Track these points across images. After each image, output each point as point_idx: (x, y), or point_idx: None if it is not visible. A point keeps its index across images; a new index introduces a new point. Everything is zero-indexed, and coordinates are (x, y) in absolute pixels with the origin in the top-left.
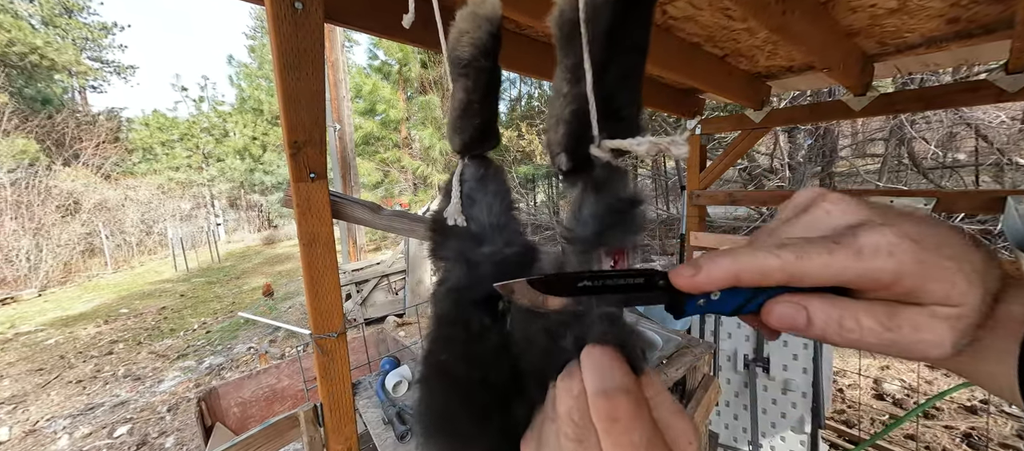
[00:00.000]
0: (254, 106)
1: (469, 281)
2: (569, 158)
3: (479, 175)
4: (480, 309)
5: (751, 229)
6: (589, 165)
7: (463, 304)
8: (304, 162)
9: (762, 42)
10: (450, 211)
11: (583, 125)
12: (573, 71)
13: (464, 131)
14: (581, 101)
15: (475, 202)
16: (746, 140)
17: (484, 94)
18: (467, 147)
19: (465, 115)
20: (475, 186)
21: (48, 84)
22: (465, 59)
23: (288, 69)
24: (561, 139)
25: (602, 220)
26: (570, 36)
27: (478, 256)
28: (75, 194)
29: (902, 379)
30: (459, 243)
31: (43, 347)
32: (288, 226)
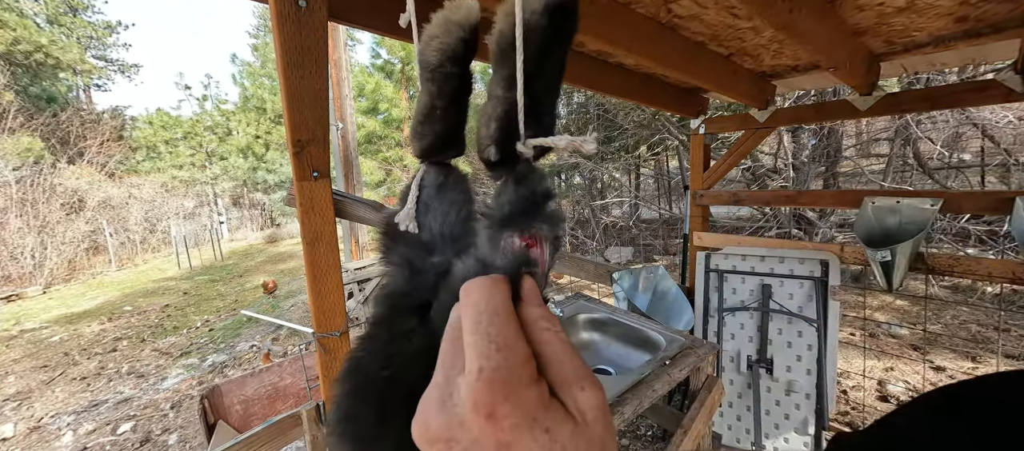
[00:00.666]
0: (257, 105)
1: (408, 287)
2: (498, 150)
3: (438, 182)
4: (410, 312)
5: (754, 229)
6: (513, 160)
7: (397, 307)
8: (307, 161)
9: (768, 41)
10: (401, 216)
11: (512, 124)
12: (507, 79)
13: (424, 137)
14: (512, 104)
15: (430, 209)
16: (750, 140)
17: (449, 101)
18: (426, 153)
19: (427, 120)
20: (433, 193)
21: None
22: (432, 64)
23: (292, 67)
24: (492, 134)
25: (518, 206)
26: (506, 52)
27: (424, 264)
28: (80, 192)
29: (906, 381)
30: (407, 249)
31: (48, 344)
32: (290, 225)
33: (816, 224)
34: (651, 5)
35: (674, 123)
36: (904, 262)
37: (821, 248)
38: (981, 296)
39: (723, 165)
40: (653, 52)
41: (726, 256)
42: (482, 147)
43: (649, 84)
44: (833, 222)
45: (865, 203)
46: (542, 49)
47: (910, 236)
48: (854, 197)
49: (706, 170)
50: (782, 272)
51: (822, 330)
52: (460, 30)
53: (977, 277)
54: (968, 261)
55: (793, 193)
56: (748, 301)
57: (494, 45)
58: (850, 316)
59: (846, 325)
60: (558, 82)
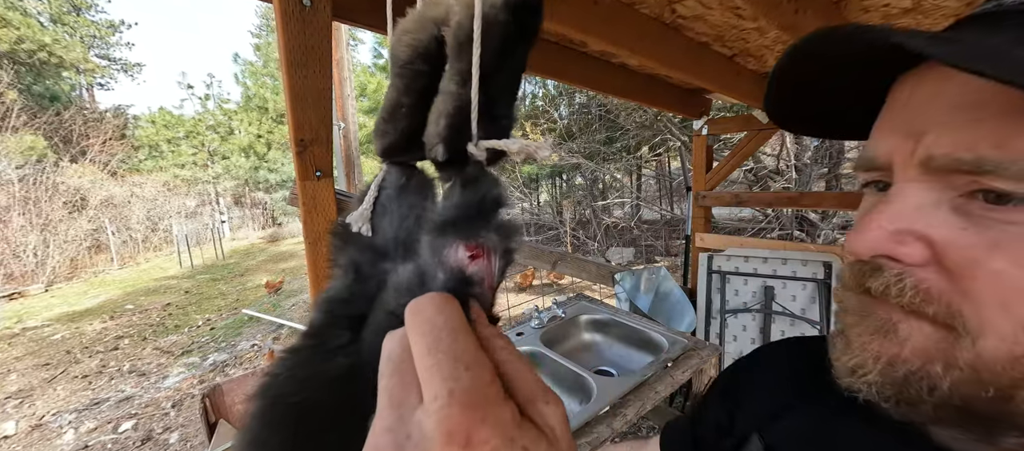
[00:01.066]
0: (259, 104)
1: (348, 294)
2: (446, 149)
3: (399, 184)
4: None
5: (756, 231)
6: (463, 161)
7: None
8: (310, 160)
9: (772, 42)
10: (355, 216)
11: (464, 123)
12: (462, 75)
13: (387, 135)
14: (465, 101)
15: (387, 212)
16: (753, 141)
17: (417, 99)
18: (388, 152)
19: (392, 118)
20: (392, 195)
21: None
22: (401, 59)
23: (295, 67)
24: (441, 131)
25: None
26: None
27: (371, 270)
28: (82, 190)
29: None
30: (357, 252)
31: (49, 342)
32: (292, 224)
33: (818, 226)
34: (655, 5)
35: (676, 124)
36: None
37: (824, 250)
38: None
39: (726, 166)
40: (657, 53)
41: (728, 257)
42: (430, 145)
43: (652, 85)
44: (835, 224)
45: None
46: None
47: None
48: (858, 199)
49: (709, 171)
50: (785, 274)
51: (825, 332)
52: (434, 27)
53: None
54: None
55: (796, 195)
56: (750, 303)
57: (451, 38)
58: None
59: None
60: (517, 82)
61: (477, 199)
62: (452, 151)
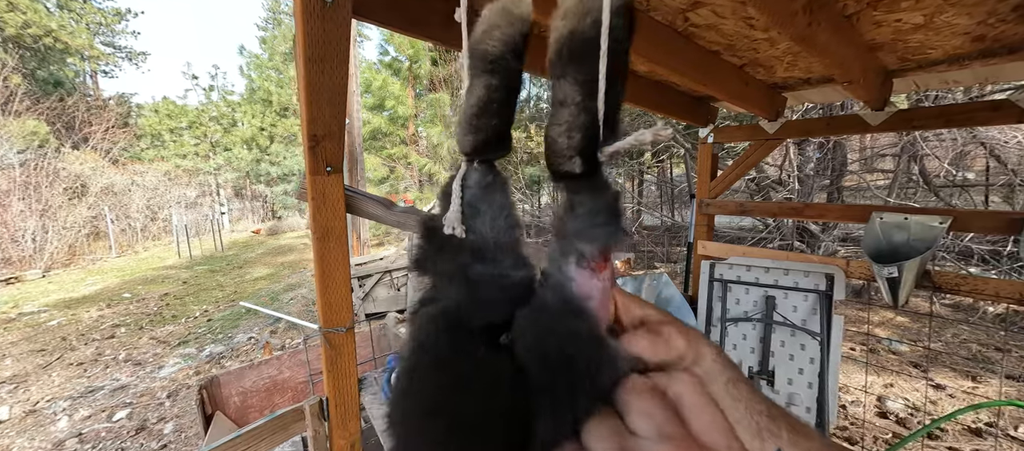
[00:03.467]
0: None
1: (469, 304)
2: (583, 162)
3: (485, 183)
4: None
5: (756, 240)
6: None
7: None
8: (322, 155)
9: (782, 52)
10: (449, 218)
11: (596, 132)
12: (587, 85)
13: (480, 131)
14: (593, 112)
15: (479, 213)
16: (759, 151)
17: (506, 95)
18: (479, 150)
19: (483, 114)
20: (479, 195)
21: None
22: (493, 55)
23: (313, 62)
24: (576, 144)
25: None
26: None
27: (480, 276)
28: (83, 177)
29: (906, 398)
30: (457, 257)
31: (46, 328)
32: (291, 218)
33: (819, 237)
34: (668, 13)
35: (680, 131)
36: (911, 279)
37: (828, 261)
38: (982, 315)
39: (730, 175)
40: (668, 59)
41: (730, 266)
42: (562, 159)
43: (660, 91)
44: (836, 236)
45: (873, 218)
46: (619, 50)
47: (917, 253)
48: (862, 212)
49: (713, 179)
50: (786, 284)
51: (825, 344)
52: (522, 23)
53: (984, 296)
54: (974, 280)
55: (800, 205)
56: (751, 312)
57: (563, 48)
58: (850, 330)
59: (847, 339)
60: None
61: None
62: (588, 163)
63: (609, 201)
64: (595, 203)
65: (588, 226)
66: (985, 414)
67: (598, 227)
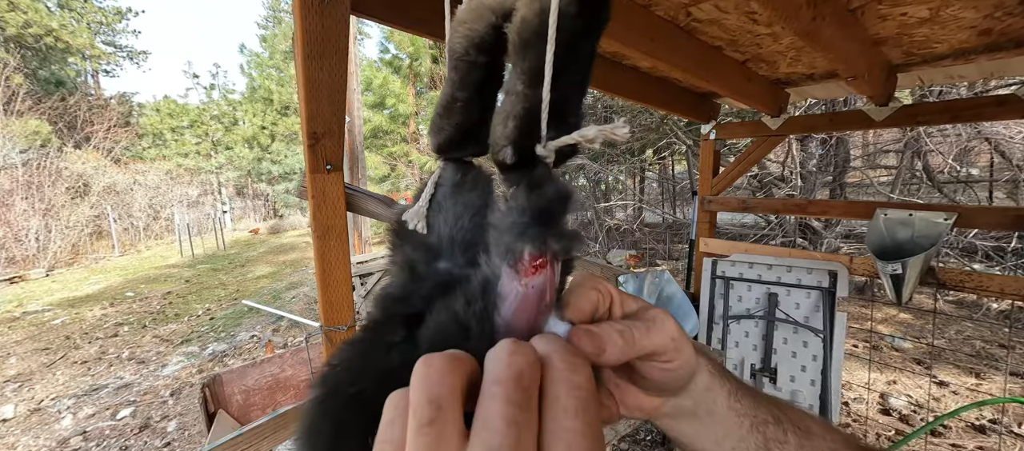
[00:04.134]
0: (264, 95)
1: (403, 292)
2: (514, 152)
3: (455, 181)
4: (400, 323)
5: (759, 237)
6: (531, 164)
7: (388, 312)
8: (322, 153)
9: (785, 48)
10: (411, 213)
11: (533, 124)
12: (531, 74)
13: (442, 131)
14: (534, 101)
15: (442, 210)
16: (762, 147)
17: (472, 93)
18: (443, 148)
19: (447, 113)
20: (448, 192)
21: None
22: (457, 52)
23: (311, 59)
24: (509, 134)
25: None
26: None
27: (426, 270)
28: (85, 177)
29: (909, 395)
30: (412, 250)
31: (49, 327)
32: (293, 216)
33: (821, 234)
34: (670, 8)
35: (682, 127)
36: (915, 276)
37: (831, 258)
38: (986, 312)
39: (733, 171)
40: (670, 55)
41: (733, 263)
42: (496, 147)
43: (662, 87)
44: (838, 233)
45: (877, 215)
46: (573, 40)
47: (922, 250)
48: (866, 208)
49: (715, 176)
50: (789, 281)
51: (828, 341)
52: (491, 15)
53: (988, 293)
54: (979, 277)
55: (803, 202)
56: (754, 309)
57: (515, 34)
58: (853, 327)
59: (849, 336)
60: (586, 79)
61: (544, 204)
62: (520, 153)
63: (547, 200)
64: (529, 200)
65: (518, 223)
66: (989, 411)
67: (528, 226)
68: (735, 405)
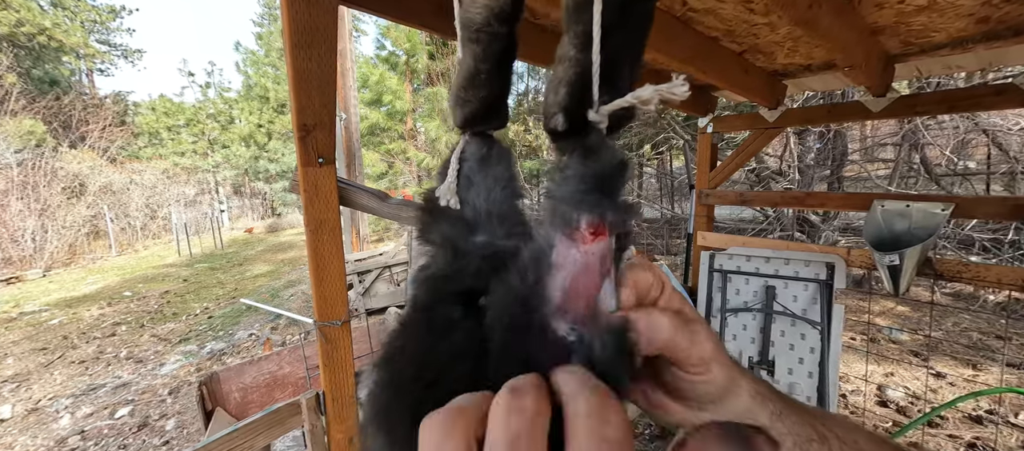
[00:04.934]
0: (260, 93)
1: (450, 270)
2: (565, 119)
3: (481, 155)
4: (454, 301)
5: (757, 231)
6: (583, 131)
7: (438, 293)
8: (313, 146)
9: (783, 38)
10: (442, 190)
11: (584, 89)
12: (582, 38)
13: (467, 104)
14: (585, 66)
15: (473, 184)
16: (759, 140)
17: (495, 64)
18: (469, 122)
19: (471, 85)
20: (475, 166)
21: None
22: (477, 22)
23: (299, 48)
24: (560, 100)
25: (585, 185)
26: (581, 4)
27: (467, 245)
28: (81, 176)
29: (906, 386)
30: (449, 227)
31: (47, 327)
32: (291, 215)
33: (819, 227)
34: None
35: (679, 122)
36: (912, 267)
37: (828, 251)
38: (983, 304)
39: (730, 164)
40: (666, 46)
41: (730, 256)
42: (548, 115)
43: (658, 81)
44: (836, 226)
45: (874, 206)
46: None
47: (919, 241)
48: (863, 200)
49: (712, 169)
50: (787, 274)
51: (825, 333)
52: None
53: (986, 283)
54: (977, 267)
55: (801, 194)
56: (751, 302)
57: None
58: (850, 320)
59: (846, 329)
60: (642, 40)
61: (599, 171)
62: (572, 120)
63: (602, 167)
64: (584, 168)
65: (574, 192)
66: (985, 402)
67: (585, 194)
68: (777, 425)
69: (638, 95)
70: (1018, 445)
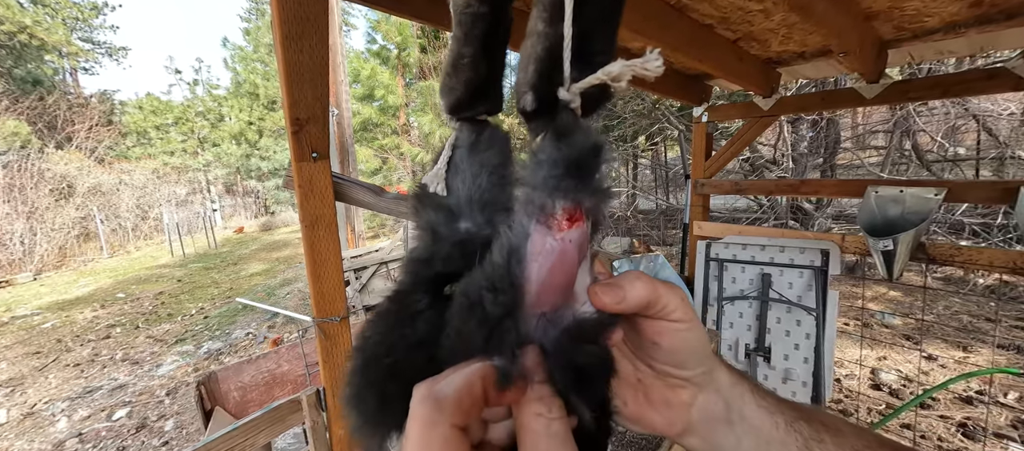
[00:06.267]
0: (250, 90)
1: (427, 255)
2: (535, 98)
3: (470, 141)
4: (424, 287)
5: (751, 220)
6: (554, 109)
7: (415, 277)
8: (306, 141)
9: (777, 24)
10: (429, 176)
11: (554, 65)
12: (551, 9)
13: (452, 91)
14: (554, 41)
15: (459, 171)
16: (754, 128)
17: (480, 47)
18: (455, 108)
19: (454, 70)
20: (464, 153)
21: (38, 65)
22: (459, 4)
23: (290, 39)
24: (529, 78)
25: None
26: None
27: (446, 231)
28: (68, 177)
29: (899, 370)
30: (434, 213)
31: (40, 331)
32: (285, 213)
33: (813, 215)
34: None
35: (674, 113)
36: (905, 251)
37: (822, 237)
38: (973, 288)
39: (725, 153)
40: (661, 34)
41: (726, 245)
42: (519, 94)
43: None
44: (829, 214)
45: (868, 192)
46: None
47: (912, 226)
48: (857, 186)
49: (708, 159)
50: (782, 261)
51: (821, 319)
52: None
53: (978, 267)
54: (969, 251)
55: (796, 182)
56: (747, 290)
57: None
58: (843, 306)
59: (840, 315)
60: (617, 14)
61: (571, 153)
62: (542, 99)
63: (577, 151)
64: (556, 151)
65: (548, 177)
66: (976, 383)
67: (559, 179)
68: (763, 403)
69: (607, 71)
70: (1007, 424)
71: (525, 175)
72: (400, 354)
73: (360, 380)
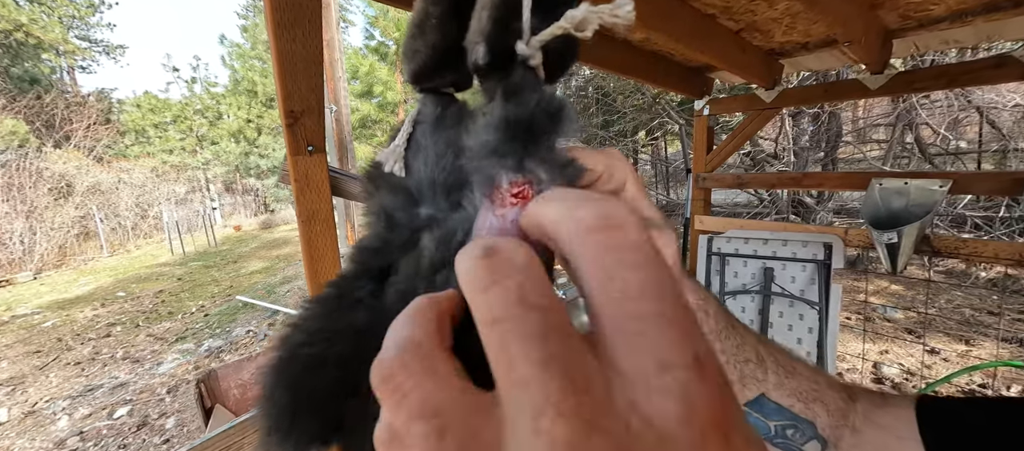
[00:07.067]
0: (248, 88)
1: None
2: (487, 50)
3: (435, 116)
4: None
5: (752, 215)
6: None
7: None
8: (301, 134)
9: (780, 14)
10: (385, 153)
11: (511, 11)
12: None
13: (415, 55)
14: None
15: (421, 149)
16: (755, 121)
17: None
18: (418, 76)
19: (419, 32)
20: (427, 129)
21: (35, 63)
22: None
23: (283, 28)
24: (482, 27)
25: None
26: None
27: (404, 217)
28: (67, 176)
29: (901, 363)
30: (389, 196)
31: (40, 330)
32: (285, 210)
33: (814, 209)
34: None
35: (674, 107)
36: (910, 244)
37: (825, 231)
38: (975, 281)
39: (727, 147)
40: (663, 24)
41: (728, 239)
42: (470, 46)
43: (655, 62)
44: (830, 208)
45: (872, 185)
46: None
47: (916, 218)
48: (861, 179)
49: (709, 153)
50: (785, 255)
51: (823, 313)
52: None
53: (983, 259)
54: (974, 243)
55: (798, 175)
56: (750, 284)
57: None
58: (846, 300)
59: (842, 309)
60: None
61: (523, 116)
62: (495, 52)
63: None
64: (505, 111)
65: (491, 142)
66: (979, 376)
67: (504, 144)
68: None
69: (571, 18)
70: None
71: (469, 142)
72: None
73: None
